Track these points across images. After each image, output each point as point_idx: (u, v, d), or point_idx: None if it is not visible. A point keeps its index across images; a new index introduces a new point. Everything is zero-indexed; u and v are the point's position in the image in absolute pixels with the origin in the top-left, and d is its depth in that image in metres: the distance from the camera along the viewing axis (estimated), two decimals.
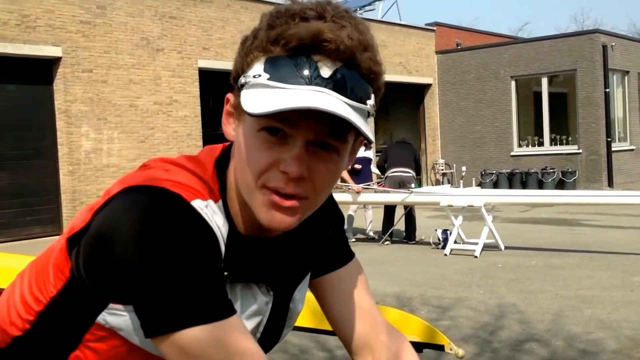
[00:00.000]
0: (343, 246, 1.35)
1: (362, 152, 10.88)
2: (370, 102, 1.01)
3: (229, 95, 1.07)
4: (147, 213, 0.96)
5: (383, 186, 10.25)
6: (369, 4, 22.97)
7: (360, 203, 10.47)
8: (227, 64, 15.16)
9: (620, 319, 5.36)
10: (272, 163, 0.98)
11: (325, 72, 0.95)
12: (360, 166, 10.59)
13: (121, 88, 13.37)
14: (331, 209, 1.33)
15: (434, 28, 21.50)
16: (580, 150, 18.75)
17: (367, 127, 0.97)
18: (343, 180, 10.18)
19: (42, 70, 12.39)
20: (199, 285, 0.96)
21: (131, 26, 13.59)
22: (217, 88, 19.06)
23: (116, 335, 1.06)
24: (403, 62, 20.22)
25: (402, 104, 22.17)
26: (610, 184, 18.48)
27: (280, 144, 0.97)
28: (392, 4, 23.09)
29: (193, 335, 0.94)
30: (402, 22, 20.96)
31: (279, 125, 0.96)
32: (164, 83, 14.13)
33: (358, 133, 1.02)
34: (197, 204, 1.02)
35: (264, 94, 0.95)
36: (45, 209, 12.41)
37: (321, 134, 0.97)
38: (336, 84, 0.95)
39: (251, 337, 1.02)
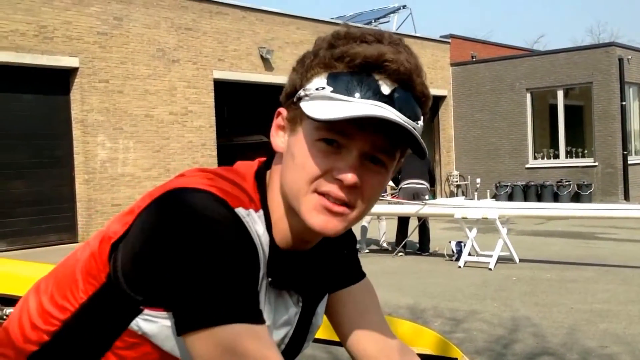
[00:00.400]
0: (355, 265, 1.37)
1: None
2: (420, 122, 1.07)
3: (281, 110, 1.11)
4: (193, 213, 0.99)
5: (397, 198, 10.23)
6: (384, 16, 23.05)
7: (374, 214, 10.46)
8: (242, 75, 15.26)
9: (636, 334, 5.30)
10: (327, 170, 1.03)
11: (385, 90, 1.02)
12: None
13: (137, 98, 13.47)
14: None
15: (449, 40, 21.50)
16: (596, 163, 18.63)
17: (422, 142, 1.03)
18: None
19: (59, 81, 12.50)
20: (237, 286, 0.98)
21: (147, 37, 13.70)
22: (231, 99, 19.23)
23: (147, 342, 1.07)
24: None
25: None
26: (627, 197, 18.33)
27: (335, 154, 1.03)
28: (407, 16, 23.23)
29: (228, 332, 0.95)
30: (417, 34, 20.98)
31: (337, 137, 1.02)
32: (179, 94, 14.22)
33: (402, 153, 1.09)
34: (240, 211, 1.05)
35: (327, 105, 1.01)
36: (61, 217, 12.50)
37: (375, 148, 1.03)
38: (395, 102, 1.02)
39: (277, 349, 1.02)
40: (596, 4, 70.19)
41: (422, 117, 1.08)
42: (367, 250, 10.62)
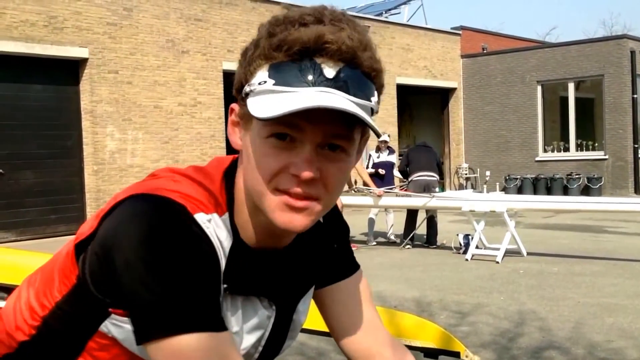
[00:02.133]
0: (347, 258, 1.35)
1: (385, 157, 10.87)
2: (374, 99, 1.03)
3: (234, 106, 1.09)
4: (150, 221, 0.98)
5: (406, 190, 10.21)
6: (395, 8, 22.95)
7: (382, 207, 10.45)
8: None
9: None
10: (283, 167, 0.99)
11: (329, 72, 0.97)
12: (384, 171, 10.58)
13: (146, 89, 13.49)
14: (337, 222, 1.33)
15: (460, 32, 21.39)
16: (607, 157, 18.53)
17: (374, 123, 0.99)
18: (365, 184, 10.18)
19: (69, 71, 12.54)
20: (195, 294, 0.97)
21: (157, 28, 13.71)
22: None
23: (117, 345, 1.07)
24: (428, 65, 20.16)
25: (426, 108, 22.13)
26: (637, 190, 18.24)
27: (289, 149, 0.99)
28: (418, 8, 23.06)
29: (186, 341, 0.94)
30: (428, 26, 20.89)
31: (287, 131, 0.98)
32: (188, 85, 14.23)
33: (363, 132, 1.05)
34: (200, 217, 1.03)
35: (271, 99, 0.97)
36: (70, 207, 12.56)
37: (329, 136, 0.99)
38: (341, 84, 0.97)
39: (240, 356, 1.02)
40: None
41: (375, 93, 1.03)
42: (374, 243, 10.62)
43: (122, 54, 13.14)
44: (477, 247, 8.97)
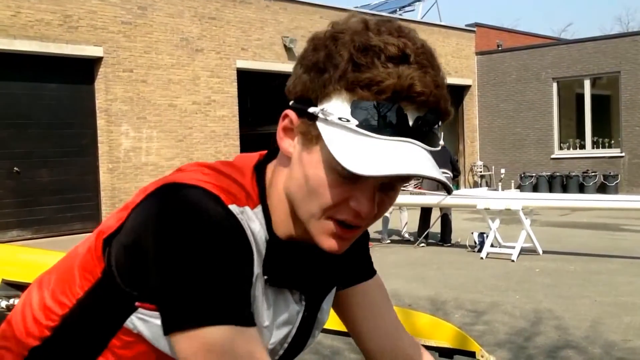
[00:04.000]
0: (367, 261, 1.35)
1: None
2: (440, 142, 1.04)
3: (291, 114, 1.04)
4: (184, 209, 0.97)
5: (420, 188, 10.17)
6: (409, 5, 22.88)
7: (396, 205, 10.42)
8: (265, 65, 15.25)
9: None
10: (344, 199, 1.00)
11: (412, 119, 0.96)
12: None
13: (160, 88, 13.53)
14: None
15: (474, 29, 21.29)
16: (623, 154, 18.38)
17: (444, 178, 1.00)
18: None
19: (84, 70, 12.60)
20: (226, 286, 0.95)
21: (171, 27, 13.74)
22: (255, 88, 19.25)
23: (143, 342, 1.05)
24: (442, 62, 19.50)
25: None
26: None
27: (352, 182, 0.99)
28: (432, 5, 22.98)
29: (214, 334, 0.93)
30: (442, 23, 20.81)
31: None
32: (202, 83, 14.25)
33: None
34: (234, 208, 1.02)
35: (352, 143, 0.95)
36: (85, 205, 12.63)
37: (393, 180, 1.01)
38: (421, 133, 0.97)
39: (266, 353, 1.01)
40: None
41: (441, 134, 1.05)
42: (388, 241, 10.59)
43: (137, 53, 13.18)
44: (492, 245, 8.92)
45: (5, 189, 11.71)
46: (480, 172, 20.75)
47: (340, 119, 0.96)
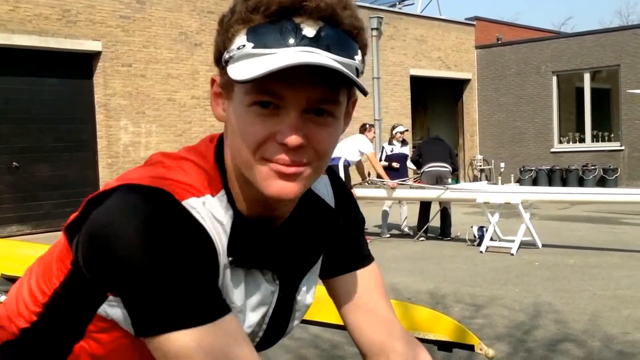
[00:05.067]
0: (361, 248, 1.32)
1: (398, 148, 10.85)
2: (358, 57, 1.00)
3: (215, 76, 1.07)
4: (139, 214, 0.96)
5: (419, 182, 10.17)
6: None
7: (396, 199, 10.42)
8: None
9: None
10: (268, 135, 0.97)
11: (310, 32, 0.94)
12: (398, 165, 10.53)
13: (159, 82, 13.51)
14: (348, 204, 1.31)
15: (474, 23, 21.25)
16: (623, 148, 18.37)
17: (359, 80, 0.96)
18: (379, 176, 10.15)
19: (83, 64, 12.58)
20: (188, 287, 0.95)
21: (170, 21, 13.71)
22: None
23: (117, 327, 1.06)
24: (442, 56, 20.04)
25: (440, 99, 22.02)
26: None
27: (273, 116, 0.97)
28: None
29: (181, 338, 0.93)
30: (442, 17, 20.76)
31: (270, 99, 0.96)
32: (201, 77, 14.23)
33: (349, 94, 1.03)
34: (191, 202, 1.01)
35: (251, 63, 0.94)
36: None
37: (314, 101, 0.97)
38: (322, 43, 0.94)
39: (246, 339, 1.00)
40: None
41: (359, 52, 1.01)
42: (388, 235, 10.59)
43: (136, 47, 13.16)
44: (491, 239, 8.92)
45: (4, 183, 11.70)
46: (480, 166, 20.75)
47: (238, 48, 0.96)
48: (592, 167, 18.33)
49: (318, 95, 0.97)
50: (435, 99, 22.26)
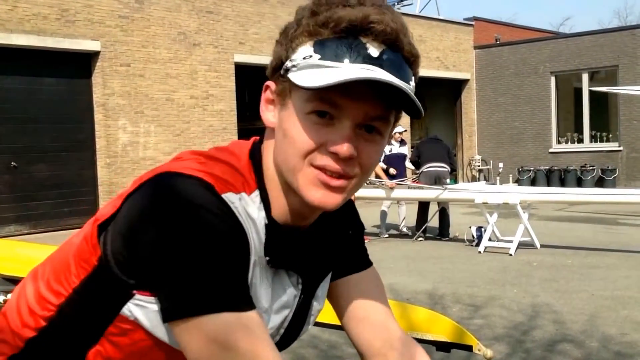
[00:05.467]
0: (362, 252, 1.35)
1: (396, 149, 10.84)
2: (412, 83, 1.05)
3: (269, 83, 1.09)
4: (178, 199, 0.97)
5: (418, 182, 10.18)
6: None
7: (394, 199, 10.42)
8: (263, 59, 15.19)
9: None
10: (321, 143, 1.01)
11: (374, 52, 0.99)
12: (395, 172, 10.51)
13: (158, 82, 13.50)
14: (351, 212, 1.34)
15: (473, 23, 21.27)
16: (621, 148, 18.39)
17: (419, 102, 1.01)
18: (377, 176, 10.15)
19: (81, 64, 12.57)
20: (223, 274, 0.96)
21: (168, 21, 13.71)
22: (253, 82, 19.19)
23: (140, 329, 1.05)
24: (440, 57, 20.05)
25: (439, 99, 22.01)
26: None
27: (327, 126, 1.00)
28: None
29: (213, 321, 0.94)
30: (440, 17, 20.78)
31: (328, 109, 1.00)
32: (200, 77, 14.23)
33: (396, 116, 1.07)
34: (229, 197, 1.02)
35: (317, 73, 0.98)
36: (82, 200, 12.60)
37: (369, 117, 1.01)
38: (384, 64, 0.99)
39: (267, 334, 1.01)
40: None
41: (413, 78, 1.05)
42: (386, 235, 10.59)
43: (134, 47, 13.15)
44: (490, 239, 8.93)
45: (3, 183, 11.69)
46: (479, 166, 20.76)
47: (304, 58, 1.00)
48: (591, 168, 18.34)
49: (374, 112, 1.01)
50: (433, 99, 22.24)
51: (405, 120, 18.15)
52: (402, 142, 11.02)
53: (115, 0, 12.85)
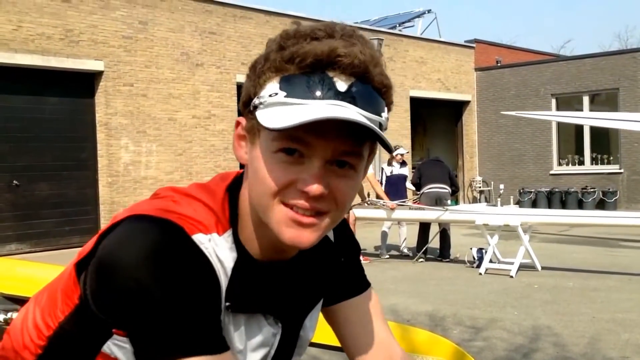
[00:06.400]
0: (358, 275, 1.34)
1: (397, 169, 10.86)
2: (384, 114, 1.03)
3: (240, 119, 1.08)
4: (148, 243, 0.97)
5: (419, 203, 10.18)
6: (409, 21, 22.98)
7: (395, 220, 10.42)
8: None
9: None
10: (291, 181, 0.98)
11: (341, 86, 0.96)
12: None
13: (161, 102, 13.57)
14: (347, 239, 1.33)
15: (474, 45, 21.39)
16: (622, 170, 18.40)
17: (385, 136, 0.99)
18: (378, 197, 10.16)
19: (84, 84, 12.64)
20: (193, 317, 0.96)
21: (172, 41, 13.80)
22: None
23: None
24: (442, 78, 20.14)
25: (440, 120, 22.09)
26: None
27: (297, 164, 0.98)
28: (432, 21, 23.07)
29: None
30: (442, 39, 20.90)
31: (296, 146, 0.97)
32: (202, 97, 14.30)
33: (371, 148, 1.05)
34: (198, 238, 1.02)
35: (282, 111, 0.96)
36: (84, 219, 12.61)
37: (338, 153, 0.99)
38: (352, 98, 0.97)
39: None
40: (625, 9, 69.36)
41: (385, 109, 1.03)
42: (387, 256, 10.58)
43: (137, 67, 13.23)
44: (490, 261, 8.91)
45: (5, 202, 11.71)
46: (479, 187, 20.77)
47: (270, 95, 0.98)
48: (592, 190, 18.34)
49: (344, 148, 0.99)
50: (434, 120, 22.34)
51: (406, 141, 18.23)
52: (403, 164, 11.04)
53: (119, 21, 12.95)
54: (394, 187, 10.61)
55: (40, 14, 11.85)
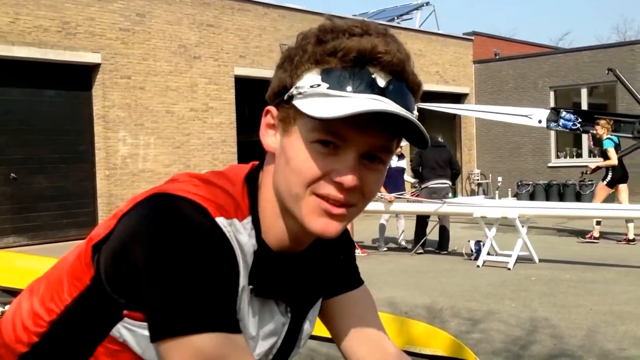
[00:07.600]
0: (353, 271, 1.36)
1: (395, 162, 10.84)
2: (415, 112, 1.06)
3: (270, 108, 1.09)
4: (171, 220, 0.98)
5: (417, 196, 10.18)
6: (407, 13, 22.94)
7: (393, 212, 10.42)
8: (263, 72, 15.27)
9: None
10: (326, 173, 1.01)
11: (381, 82, 1.00)
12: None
13: (158, 94, 13.55)
14: (344, 235, 1.34)
15: (472, 37, 21.36)
16: None
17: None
18: None
19: (82, 76, 12.61)
20: (212, 295, 0.97)
21: (169, 34, 13.77)
22: (252, 95, 19.26)
23: (128, 351, 1.06)
24: (440, 71, 20.12)
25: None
26: None
27: (332, 155, 1.01)
28: (430, 13, 23.05)
29: (201, 341, 0.94)
30: (440, 32, 20.87)
31: (333, 139, 1.00)
32: (200, 90, 14.27)
33: (397, 144, 1.09)
34: (221, 221, 1.03)
35: (324, 102, 0.98)
36: (81, 212, 12.61)
37: (373, 147, 1.02)
38: (391, 94, 1.00)
39: (253, 358, 1.02)
40: (623, 1, 69.34)
41: (415, 107, 1.06)
42: (385, 249, 10.59)
43: (135, 60, 13.20)
44: (488, 253, 8.92)
45: (2, 195, 11.70)
46: (477, 180, 20.78)
47: (311, 86, 1.00)
48: (590, 182, 18.33)
49: (380, 142, 1.02)
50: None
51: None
52: (400, 157, 11.02)
53: (116, 13, 12.92)
54: (392, 180, 10.59)
55: (37, 6, 11.81)
